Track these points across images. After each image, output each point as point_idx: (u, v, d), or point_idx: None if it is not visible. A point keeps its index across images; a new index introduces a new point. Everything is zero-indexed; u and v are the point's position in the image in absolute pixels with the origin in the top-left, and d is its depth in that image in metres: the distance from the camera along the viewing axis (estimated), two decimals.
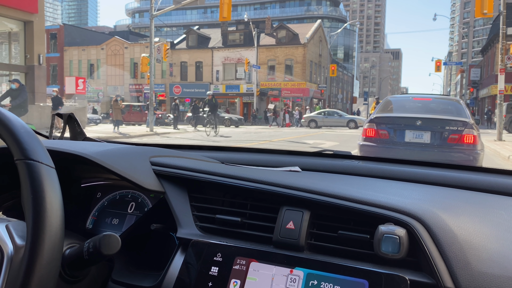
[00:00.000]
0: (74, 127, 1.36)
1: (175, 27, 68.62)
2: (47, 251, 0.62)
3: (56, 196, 0.66)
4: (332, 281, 0.73)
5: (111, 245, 0.70)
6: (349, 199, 0.83)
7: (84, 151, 0.96)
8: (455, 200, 0.95)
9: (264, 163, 1.33)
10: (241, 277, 0.79)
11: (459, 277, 0.67)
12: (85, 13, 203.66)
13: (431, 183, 1.11)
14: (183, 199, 0.99)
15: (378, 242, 0.74)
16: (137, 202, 1.11)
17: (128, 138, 15.98)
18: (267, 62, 39.83)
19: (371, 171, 1.21)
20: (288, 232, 0.83)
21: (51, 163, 0.69)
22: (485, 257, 0.69)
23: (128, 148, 1.09)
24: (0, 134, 0.69)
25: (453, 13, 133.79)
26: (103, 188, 1.17)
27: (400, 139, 5.95)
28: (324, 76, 46.61)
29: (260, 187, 0.92)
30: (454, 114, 6.02)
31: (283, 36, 40.11)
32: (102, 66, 43.77)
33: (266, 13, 62.04)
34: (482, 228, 0.78)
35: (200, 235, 0.91)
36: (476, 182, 1.09)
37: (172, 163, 1.06)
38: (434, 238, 0.72)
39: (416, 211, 0.77)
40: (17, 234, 0.70)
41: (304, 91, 39.30)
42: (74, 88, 23.40)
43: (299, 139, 16.11)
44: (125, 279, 0.91)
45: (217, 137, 16.80)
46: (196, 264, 0.83)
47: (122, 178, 0.95)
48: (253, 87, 36.47)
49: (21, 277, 0.61)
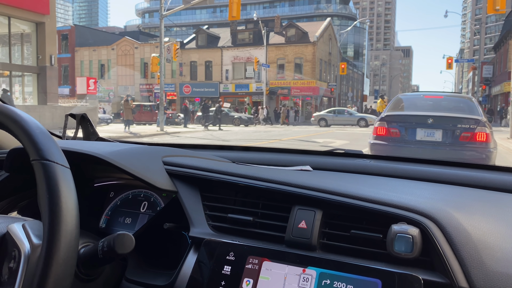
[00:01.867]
0: (87, 127, 1.37)
1: (185, 27, 68.83)
2: (63, 250, 0.63)
3: (72, 196, 0.67)
4: (345, 280, 0.73)
5: (125, 244, 0.70)
6: (362, 198, 0.83)
7: (98, 151, 0.97)
8: (468, 199, 0.94)
9: (275, 162, 1.33)
10: (254, 276, 0.79)
11: (474, 277, 0.67)
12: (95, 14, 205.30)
13: (444, 182, 1.10)
14: (195, 199, 0.99)
15: (391, 242, 0.74)
16: (150, 201, 1.12)
17: (139, 137, 16.08)
18: (277, 61, 39.76)
19: (383, 170, 1.20)
20: (301, 231, 0.84)
21: (66, 163, 0.70)
22: (500, 256, 0.69)
23: (140, 148, 1.10)
24: (16, 134, 0.70)
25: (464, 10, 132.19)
26: (116, 188, 1.18)
27: (412, 138, 5.90)
28: (334, 75, 46.38)
29: (272, 187, 0.92)
30: (466, 112, 5.95)
31: (293, 35, 40.00)
32: (113, 66, 44.08)
33: (276, 11, 61.94)
34: (496, 227, 0.77)
35: (213, 234, 0.92)
36: (489, 180, 1.08)
37: (184, 162, 1.06)
38: (448, 237, 0.72)
39: (429, 210, 0.77)
40: (33, 233, 0.71)
41: (314, 90, 39.17)
42: (85, 88, 23.64)
43: (309, 138, 16.07)
44: (139, 277, 0.91)
45: (227, 136, 16.84)
46: (208, 263, 0.84)
47: (135, 177, 0.96)
48: (263, 86, 36.43)
49: (38, 275, 0.62)
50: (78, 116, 1.35)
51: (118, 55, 43.98)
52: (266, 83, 36.15)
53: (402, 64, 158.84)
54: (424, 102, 6.72)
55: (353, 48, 67.98)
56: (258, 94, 38.23)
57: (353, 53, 67.57)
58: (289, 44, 39.64)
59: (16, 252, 0.69)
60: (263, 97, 36.22)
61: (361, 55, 69.32)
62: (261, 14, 57.06)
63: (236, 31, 41.64)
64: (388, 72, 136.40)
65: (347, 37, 57.27)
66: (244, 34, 41.38)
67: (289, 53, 39.60)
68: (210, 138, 16.38)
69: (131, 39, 44.30)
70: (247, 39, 41.01)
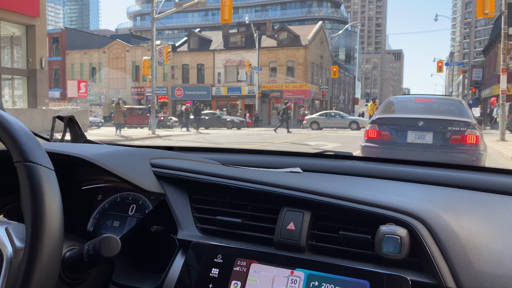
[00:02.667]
0: (75, 130, 1.36)
1: (177, 30, 68.79)
2: (46, 253, 0.62)
3: (56, 198, 0.66)
4: (333, 282, 0.73)
5: (110, 247, 0.69)
6: (350, 199, 0.83)
7: (84, 153, 0.96)
8: (457, 200, 0.94)
9: (265, 164, 1.33)
10: (242, 278, 0.78)
11: (461, 277, 0.67)
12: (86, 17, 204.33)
13: (432, 183, 1.10)
14: (184, 201, 0.99)
15: (379, 243, 0.73)
16: (138, 204, 1.11)
17: (130, 141, 15.99)
18: (269, 64, 39.86)
19: (372, 172, 1.20)
20: (289, 233, 0.83)
21: (51, 165, 0.69)
22: (487, 257, 0.69)
23: (128, 150, 1.09)
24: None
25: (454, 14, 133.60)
26: (104, 191, 1.17)
27: (402, 140, 5.94)
28: (326, 78, 46.59)
29: (261, 188, 0.92)
30: (456, 115, 6.00)
31: (285, 38, 40.13)
32: (104, 69, 43.87)
33: (267, 15, 62.09)
34: (484, 228, 0.77)
35: (201, 236, 0.91)
36: (478, 182, 1.08)
37: (172, 164, 1.06)
38: (436, 238, 0.72)
39: (418, 211, 0.77)
40: (16, 236, 0.70)
41: (305, 93, 39.30)
42: (76, 92, 23.44)
43: (301, 141, 16.09)
44: (126, 281, 0.90)
45: (219, 139, 16.82)
46: (196, 266, 0.83)
47: (122, 180, 0.95)
48: (255, 89, 36.49)
49: (20, 279, 0.60)
50: (66, 119, 1.34)
51: (110, 58, 43.78)
52: (258, 86, 36.21)
53: (393, 67, 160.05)
54: (415, 105, 6.77)
55: (344, 51, 68.41)
56: (251, 97, 38.28)
57: (344, 57, 68.01)
58: (281, 48, 39.76)
59: None
60: (255, 100, 36.27)
61: (352, 58, 69.78)
62: (253, 17, 57.26)
63: (228, 34, 41.68)
64: (379, 75, 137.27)
65: (338, 40, 57.61)
66: (236, 37, 41.43)
67: (281, 56, 39.71)
68: (202, 141, 16.34)
69: (122, 42, 44.14)
70: (239, 42, 41.06)
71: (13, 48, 18.97)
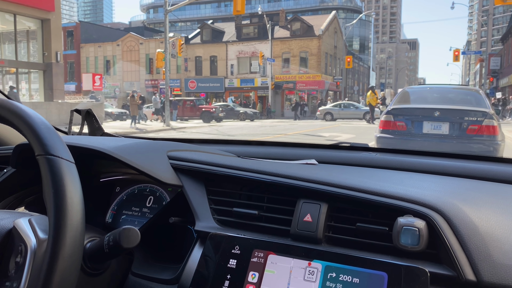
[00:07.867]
0: (92, 123, 1.38)
1: (189, 22, 68.74)
2: (69, 244, 0.63)
3: (77, 191, 0.67)
4: (350, 273, 0.73)
5: (130, 239, 0.70)
6: (367, 191, 0.82)
7: (103, 146, 0.98)
8: (475, 192, 0.93)
9: (280, 156, 1.33)
10: (259, 269, 0.79)
11: (481, 269, 0.66)
12: (100, 10, 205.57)
13: (450, 174, 1.09)
14: (201, 193, 1.00)
15: (397, 234, 0.73)
16: (155, 196, 1.12)
17: (145, 133, 16.13)
18: (282, 55, 39.62)
19: (389, 163, 1.20)
20: (306, 224, 0.83)
21: (71, 158, 0.70)
22: (507, 249, 0.68)
23: (146, 143, 1.10)
24: (21, 130, 0.71)
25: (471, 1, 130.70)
26: (122, 183, 1.19)
27: (418, 131, 5.86)
28: (340, 68, 46.15)
29: (277, 180, 0.92)
30: (473, 104, 5.90)
31: (298, 28, 39.80)
32: (118, 62, 44.16)
33: (280, 5, 61.62)
34: (504, 219, 0.76)
35: (218, 228, 0.92)
36: (497, 173, 1.06)
37: (189, 157, 1.06)
38: (455, 230, 0.71)
39: (436, 202, 0.76)
40: (39, 228, 0.71)
41: (319, 84, 39.01)
42: (91, 85, 23.68)
43: (315, 132, 16.02)
44: (145, 271, 0.92)
45: (232, 131, 16.86)
46: (214, 257, 0.84)
47: (140, 172, 0.96)
48: (268, 80, 36.35)
49: (44, 269, 0.62)
50: (83, 112, 1.36)
51: (123, 51, 44.04)
52: (271, 77, 36.05)
53: (408, 56, 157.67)
54: (431, 95, 6.68)
55: (358, 41, 67.54)
56: (264, 89, 38.16)
57: (358, 46, 67.14)
58: (294, 38, 39.46)
59: (22, 247, 0.69)
60: (269, 92, 36.16)
61: (366, 48, 68.87)
62: (266, 8, 56.84)
63: (240, 26, 41.50)
64: (394, 65, 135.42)
65: (352, 30, 56.88)
66: (249, 28, 41.23)
67: (294, 47, 39.43)
68: (216, 133, 16.39)
69: (136, 35, 44.32)
70: (252, 33, 40.86)
71: (29, 42, 19.23)
